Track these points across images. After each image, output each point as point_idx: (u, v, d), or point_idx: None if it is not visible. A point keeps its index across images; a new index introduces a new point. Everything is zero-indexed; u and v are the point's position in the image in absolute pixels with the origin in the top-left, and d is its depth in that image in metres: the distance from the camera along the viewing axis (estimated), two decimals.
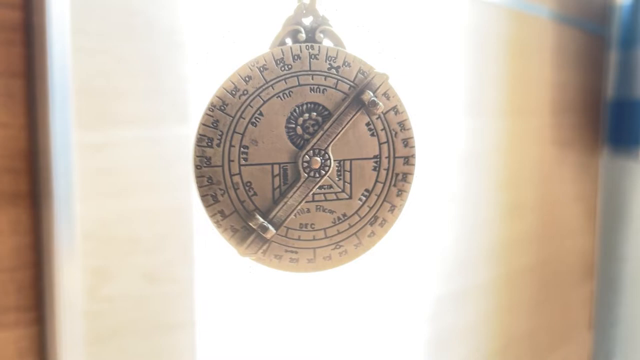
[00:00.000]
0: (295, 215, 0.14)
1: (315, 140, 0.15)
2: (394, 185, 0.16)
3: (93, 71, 0.56)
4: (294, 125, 0.14)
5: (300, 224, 0.15)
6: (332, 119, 0.15)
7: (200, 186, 0.14)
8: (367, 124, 0.16)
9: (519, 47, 1.05)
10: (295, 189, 0.14)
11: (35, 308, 0.54)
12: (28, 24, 0.52)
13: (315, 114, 0.15)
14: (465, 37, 0.94)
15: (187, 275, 0.62)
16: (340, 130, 0.15)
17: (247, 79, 0.15)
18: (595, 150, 1.34)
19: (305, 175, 0.15)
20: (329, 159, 0.15)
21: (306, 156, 0.15)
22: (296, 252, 0.14)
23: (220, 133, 0.14)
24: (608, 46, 1.29)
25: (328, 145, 0.15)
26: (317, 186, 0.15)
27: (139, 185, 0.59)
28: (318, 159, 0.15)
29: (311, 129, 0.15)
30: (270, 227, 0.14)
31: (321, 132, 0.15)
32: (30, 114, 0.53)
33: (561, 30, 1.16)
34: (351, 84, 0.15)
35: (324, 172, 0.15)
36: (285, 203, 0.14)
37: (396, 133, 0.16)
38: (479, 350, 1.05)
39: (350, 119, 0.15)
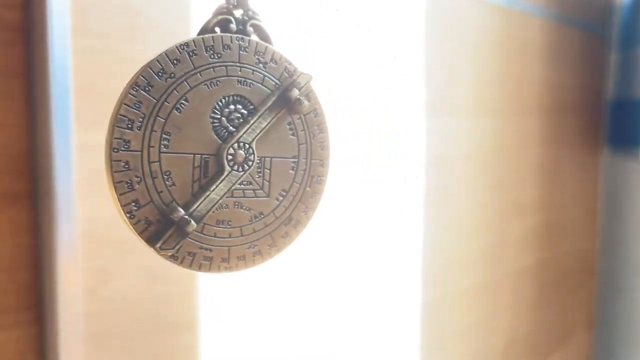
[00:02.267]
0: (213, 211, 0.14)
1: (240, 133, 0.14)
2: (309, 187, 0.15)
3: (93, 71, 0.56)
4: (219, 116, 0.14)
5: (217, 220, 0.14)
6: (259, 113, 0.15)
7: (115, 171, 0.14)
8: (289, 124, 0.15)
9: (518, 47, 1.05)
10: (218, 182, 0.14)
11: (35, 308, 0.54)
12: (28, 24, 0.52)
13: (240, 106, 0.15)
14: (465, 37, 0.94)
15: (187, 275, 0.62)
16: (266, 126, 0.15)
17: (175, 61, 0.14)
18: (595, 150, 1.34)
19: (229, 168, 0.14)
20: (253, 153, 0.15)
21: (231, 149, 0.14)
22: (210, 250, 0.14)
23: (142, 116, 0.14)
24: (608, 46, 1.29)
25: (253, 140, 0.15)
26: (239, 180, 0.14)
27: None
28: (242, 152, 0.14)
29: (236, 122, 0.14)
30: (192, 221, 0.14)
31: (247, 126, 0.14)
32: (30, 114, 0.53)
33: (561, 30, 1.16)
34: (277, 81, 0.15)
35: (247, 166, 0.14)
36: (207, 197, 0.14)
37: (314, 135, 0.16)
38: (479, 350, 1.05)
39: (275, 116, 0.15)
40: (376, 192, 0.82)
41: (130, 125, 0.14)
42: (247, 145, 0.15)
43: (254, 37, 0.15)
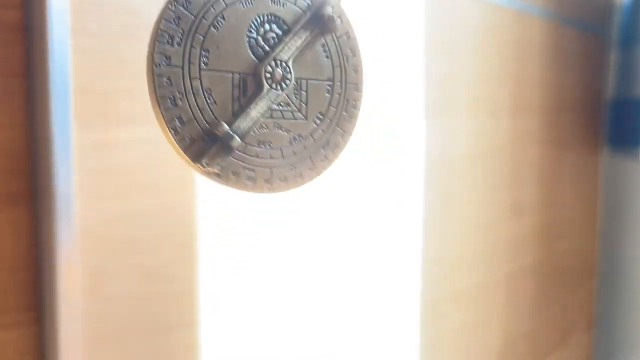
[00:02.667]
0: (253, 132, 0.14)
1: (276, 51, 0.14)
2: (346, 111, 0.15)
3: (93, 71, 0.56)
4: (255, 36, 0.14)
5: (259, 141, 0.14)
6: (293, 31, 0.15)
7: (158, 86, 0.13)
8: (323, 46, 0.15)
9: (518, 47, 1.05)
10: (257, 100, 0.14)
11: (35, 308, 0.54)
12: (28, 24, 0.52)
13: (275, 26, 0.15)
14: (465, 37, 0.94)
15: (187, 275, 0.62)
16: (301, 45, 0.15)
17: None
18: (595, 150, 1.34)
19: (268, 86, 0.14)
20: (290, 72, 0.15)
21: (269, 67, 0.14)
22: (253, 171, 0.14)
23: (181, 32, 0.14)
24: (608, 46, 1.29)
25: (289, 58, 0.15)
26: (278, 99, 0.14)
27: (138, 186, 0.59)
28: (280, 70, 0.14)
29: (271, 41, 0.14)
30: (236, 136, 0.13)
31: (282, 44, 0.14)
32: (30, 114, 0.53)
33: (561, 30, 1.16)
34: (309, 1, 0.15)
35: (285, 85, 0.14)
36: (248, 114, 0.14)
37: (348, 58, 0.16)
38: (478, 350, 1.05)
39: (310, 35, 0.15)
40: (376, 192, 0.82)
41: (170, 41, 0.13)
42: (284, 64, 0.15)
43: None
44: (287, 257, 0.73)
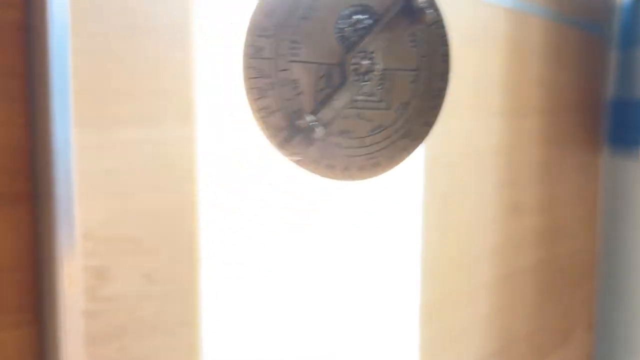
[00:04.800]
0: (336, 121, 0.14)
1: (363, 42, 0.14)
2: (428, 101, 0.15)
3: (93, 71, 0.56)
4: (343, 26, 0.14)
5: (340, 130, 0.14)
6: (382, 22, 0.15)
7: (249, 77, 0.14)
8: (411, 35, 0.15)
9: (518, 47, 1.05)
10: (341, 90, 0.14)
11: (35, 308, 0.54)
12: (28, 24, 0.52)
13: (364, 16, 0.14)
14: (464, 37, 0.94)
15: (188, 275, 0.62)
16: (389, 36, 0.14)
17: None
18: (595, 150, 1.34)
19: (352, 77, 0.14)
20: (376, 63, 0.14)
21: (355, 58, 0.14)
22: (333, 159, 0.14)
23: (274, 24, 0.14)
24: (608, 46, 1.29)
25: (376, 50, 0.14)
26: (362, 90, 0.14)
27: (139, 186, 0.59)
28: (366, 62, 0.14)
29: (360, 32, 0.14)
30: (319, 127, 0.14)
31: (370, 35, 0.14)
32: (30, 114, 0.53)
33: (561, 30, 1.16)
34: None
35: (370, 76, 0.14)
36: (332, 105, 0.14)
37: (436, 48, 0.16)
38: (479, 350, 1.05)
39: (398, 25, 0.15)
40: (376, 192, 0.82)
41: (263, 33, 0.14)
42: (370, 55, 0.15)
43: None
44: (287, 256, 0.73)
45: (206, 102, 0.62)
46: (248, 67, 0.12)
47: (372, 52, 0.13)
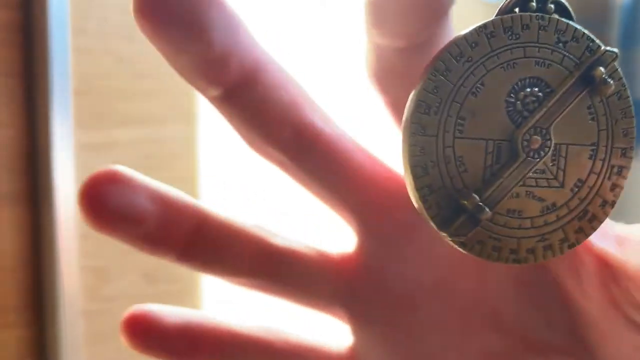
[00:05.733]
0: (504, 200, 0.13)
1: (536, 117, 0.13)
2: (609, 179, 0.14)
3: (93, 71, 0.56)
4: (513, 100, 0.13)
5: (508, 209, 0.13)
6: (557, 95, 0.14)
7: (412, 155, 0.13)
8: (589, 108, 0.14)
9: None
10: (511, 169, 0.13)
11: (35, 308, 0.54)
12: (28, 24, 0.52)
13: (537, 89, 0.14)
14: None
15: (187, 275, 0.62)
16: (564, 110, 0.14)
17: (473, 45, 0.13)
18: None
19: (524, 155, 0.13)
20: (550, 139, 0.14)
21: (527, 134, 0.13)
22: (499, 240, 0.13)
23: (439, 100, 0.13)
24: (608, 46, 1.29)
25: (550, 125, 0.14)
26: (534, 168, 0.13)
27: None
28: (538, 138, 0.14)
29: (531, 106, 0.14)
30: (486, 209, 0.13)
31: (543, 110, 0.14)
32: (30, 114, 0.53)
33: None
34: (577, 61, 0.14)
35: (543, 153, 0.13)
36: (500, 184, 0.13)
37: (616, 120, 0.14)
38: None
39: (575, 99, 0.14)
40: None
41: (427, 111, 0.13)
42: (543, 131, 0.14)
43: (554, 15, 0.14)
44: None
45: (206, 102, 0.62)
46: (411, 145, 0.12)
47: (546, 128, 0.13)
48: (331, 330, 0.20)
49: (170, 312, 0.16)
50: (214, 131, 0.62)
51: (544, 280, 0.15)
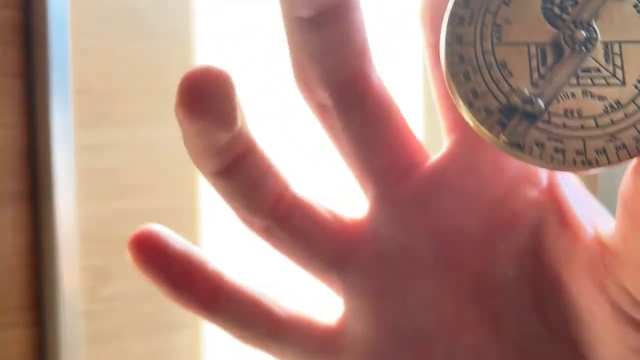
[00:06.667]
0: (557, 100, 0.12)
1: (575, 12, 0.13)
2: None
3: (93, 71, 0.56)
4: (550, 6, 0.13)
5: (565, 109, 0.13)
6: None
7: (450, 64, 0.13)
8: (635, 5, 0.14)
9: None
10: (559, 65, 0.13)
11: (35, 308, 0.54)
12: (28, 24, 0.52)
13: None
14: None
15: None
16: (602, 2, 0.13)
17: None
18: None
19: (569, 49, 0.13)
20: (595, 31, 0.13)
21: (568, 29, 0.13)
22: (561, 142, 0.12)
23: (471, 12, 0.13)
24: None
25: (591, 17, 0.13)
26: (584, 62, 0.13)
27: (138, 186, 0.59)
28: (582, 32, 0.13)
29: (570, 10, 0.13)
30: (540, 101, 0.12)
31: (580, 4, 0.13)
32: (30, 114, 0.53)
33: None
34: None
35: (591, 46, 0.13)
36: (550, 80, 0.13)
37: None
38: None
39: None
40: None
41: (461, 22, 0.13)
42: (585, 24, 0.13)
43: None
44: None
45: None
46: (449, 54, 0.12)
47: (587, 21, 0.12)
48: (322, 303, 0.20)
49: (177, 240, 0.16)
50: None
51: (544, 278, 0.15)
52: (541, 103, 0.12)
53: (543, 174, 0.16)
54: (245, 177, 0.15)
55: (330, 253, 0.16)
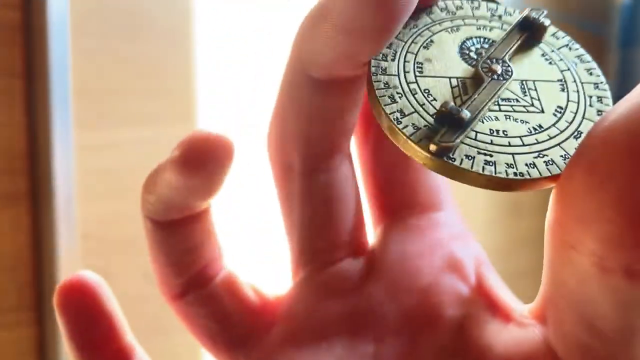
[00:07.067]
0: (482, 122, 0.13)
1: (490, 52, 0.14)
2: (591, 106, 0.14)
3: (93, 71, 0.56)
4: (466, 51, 0.14)
5: (490, 129, 0.13)
6: (503, 36, 0.14)
7: (377, 89, 0.13)
8: (543, 55, 0.15)
9: None
10: (480, 91, 0.13)
11: (35, 308, 0.54)
12: (28, 24, 0.52)
13: (485, 44, 0.14)
14: None
15: None
16: (513, 45, 0.14)
17: (416, 18, 0.14)
18: None
19: (488, 78, 0.13)
20: (509, 66, 0.14)
21: (485, 63, 0.14)
22: (491, 156, 0.13)
23: (393, 52, 0.14)
24: (608, 46, 1.29)
25: (504, 55, 0.14)
26: (502, 89, 0.13)
27: (139, 186, 0.59)
28: (498, 65, 0.14)
29: (483, 53, 0.14)
30: (465, 110, 0.13)
31: (494, 46, 0.14)
32: (30, 114, 0.53)
33: (561, 29, 1.16)
34: (513, 22, 0.15)
35: (507, 76, 0.14)
36: (472, 101, 0.13)
37: (576, 64, 0.15)
38: None
39: (520, 38, 0.14)
40: None
41: (384, 58, 0.13)
42: (500, 60, 0.14)
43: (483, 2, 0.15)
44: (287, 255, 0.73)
45: (206, 102, 0.62)
46: (375, 82, 0.12)
47: (502, 59, 0.13)
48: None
49: (109, 301, 0.16)
50: (213, 131, 0.62)
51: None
52: (468, 113, 0.12)
53: (471, 266, 0.15)
54: (189, 236, 0.15)
55: (241, 329, 0.16)
